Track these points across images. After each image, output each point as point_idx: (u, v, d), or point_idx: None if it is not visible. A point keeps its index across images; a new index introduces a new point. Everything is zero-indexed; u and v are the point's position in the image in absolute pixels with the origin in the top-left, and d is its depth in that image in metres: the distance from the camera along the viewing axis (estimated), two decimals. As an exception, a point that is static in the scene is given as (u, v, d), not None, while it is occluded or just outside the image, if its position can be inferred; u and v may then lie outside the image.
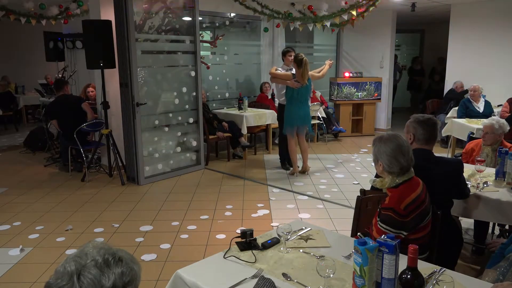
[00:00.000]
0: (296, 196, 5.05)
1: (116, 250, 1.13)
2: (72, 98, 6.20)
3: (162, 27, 5.96)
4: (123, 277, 1.08)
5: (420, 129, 2.63)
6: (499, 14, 7.59)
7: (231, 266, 1.92)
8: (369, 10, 6.49)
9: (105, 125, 5.62)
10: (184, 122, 6.12)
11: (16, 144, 8.13)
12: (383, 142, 2.20)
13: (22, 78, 10.93)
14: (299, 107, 5.65)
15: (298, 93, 5.60)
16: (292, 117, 5.67)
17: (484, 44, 7.83)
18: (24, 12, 6.83)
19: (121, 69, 5.37)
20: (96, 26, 5.27)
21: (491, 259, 2.20)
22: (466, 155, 3.88)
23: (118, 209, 4.66)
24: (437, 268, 1.84)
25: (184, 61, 6.05)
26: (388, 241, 1.58)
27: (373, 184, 2.30)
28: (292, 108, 5.65)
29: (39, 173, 6.09)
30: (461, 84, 7.83)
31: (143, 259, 3.47)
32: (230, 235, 3.77)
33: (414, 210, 2.13)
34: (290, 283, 1.75)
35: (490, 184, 3.09)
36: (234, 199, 4.94)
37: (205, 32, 7.77)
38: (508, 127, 3.63)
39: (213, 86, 7.83)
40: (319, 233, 2.26)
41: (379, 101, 9.05)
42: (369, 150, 7.17)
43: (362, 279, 1.58)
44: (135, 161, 5.48)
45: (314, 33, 9.11)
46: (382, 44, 9.14)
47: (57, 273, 1.06)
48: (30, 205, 4.82)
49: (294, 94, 5.60)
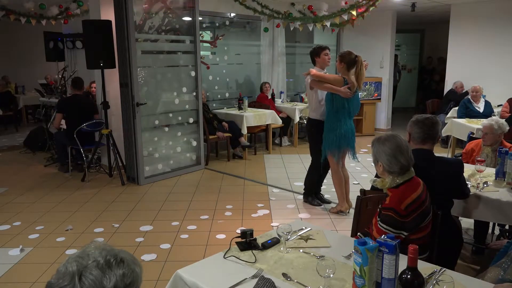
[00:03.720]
0: (296, 196, 5.05)
1: (118, 251, 1.13)
2: (86, 101, 6.19)
3: (162, 27, 5.96)
4: (124, 278, 1.08)
5: (415, 128, 2.63)
6: (499, 14, 7.59)
7: (231, 266, 1.92)
8: (369, 10, 6.50)
9: (105, 125, 5.62)
10: (184, 122, 6.12)
11: (16, 144, 8.12)
12: (381, 143, 2.21)
13: (22, 78, 10.93)
14: (349, 123, 4.34)
15: (349, 103, 4.26)
16: (340, 136, 4.28)
17: (484, 44, 7.83)
18: (24, 12, 6.84)
19: (121, 69, 5.37)
20: (96, 26, 5.27)
21: (496, 257, 2.21)
22: (466, 155, 3.89)
23: (118, 209, 4.66)
24: (437, 268, 1.84)
25: (184, 61, 6.05)
26: (388, 241, 1.58)
27: (374, 184, 2.30)
28: (340, 125, 4.27)
29: (39, 173, 6.09)
30: (460, 84, 7.84)
31: (143, 259, 3.47)
32: (230, 235, 3.77)
33: (415, 210, 2.13)
34: (290, 283, 1.75)
35: (490, 184, 3.10)
36: (234, 199, 4.94)
37: (205, 32, 7.78)
38: (507, 127, 3.63)
39: (213, 86, 7.83)
40: (319, 233, 2.26)
41: (379, 101, 9.06)
42: (369, 150, 7.17)
43: (362, 279, 1.58)
44: (135, 161, 5.49)
45: (314, 33, 9.11)
46: (382, 44, 9.14)
47: (59, 273, 1.06)
48: (30, 205, 4.82)
49: (345, 105, 4.24)
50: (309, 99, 4.62)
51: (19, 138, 8.54)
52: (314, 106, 4.51)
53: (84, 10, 6.97)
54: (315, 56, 4.53)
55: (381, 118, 9.36)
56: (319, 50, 4.50)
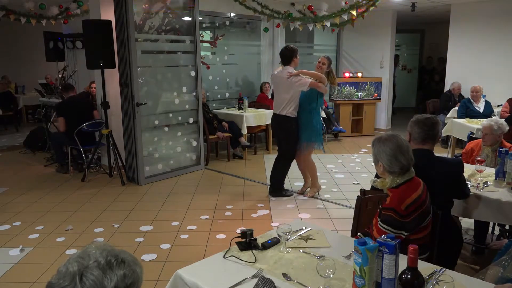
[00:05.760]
0: (296, 196, 5.05)
1: (119, 251, 1.13)
2: (82, 101, 6.22)
3: (162, 27, 5.96)
4: (125, 279, 1.08)
5: (416, 128, 2.63)
6: (499, 14, 7.58)
7: (231, 266, 1.92)
8: (369, 10, 6.49)
9: (105, 125, 5.62)
10: (184, 122, 6.12)
11: (16, 144, 8.12)
12: (382, 143, 2.21)
13: (22, 78, 10.93)
14: (320, 118, 4.95)
15: (321, 100, 4.84)
16: (317, 130, 4.79)
17: (484, 44, 7.83)
18: (24, 12, 6.84)
19: (121, 69, 5.37)
20: (96, 26, 5.27)
21: (496, 256, 2.21)
22: (466, 155, 3.89)
23: (118, 209, 4.66)
24: (437, 268, 1.84)
25: (184, 61, 6.05)
26: (388, 241, 1.58)
27: (374, 185, 2.30)
28: (318, 119, 4.81)
29: (39, 173, 6.09)
30: (458, 86, 7.81)
31: (143, 259, 3.47)
32: (230, 235, 3.77)
33: (415, 211, 2.13)
34: (290, 283, 1.75)
35: (490, 184, 3.10)
36: (234, 199, 4.94)
37: (205, 32, 7.78)
38: (507, 127, 3.63)
39: (213, 86, 7.83)
40: (319, 233, 2.26)
41: (379, 101, 9.06)
42: (369, 150, 7.17)
43: (362, 279, 1.58)
44: (135, 161, 5.49)
45: (314, 33, 9.11)
46: (382, 44, 9.14)
47: (59, 273, 1.06)
48: (30, 205, 4.82)
49: (319, 102, 4.76)
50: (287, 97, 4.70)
51: (19, 138, 8.54)
52: (295, 104, 4.72)
53: (84, 10, 6.97)
54: (294, 57, 4.75)
55: (381, 118, 9.36)
56: (297, 51, 4.79)
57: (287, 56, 4.74)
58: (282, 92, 4.74)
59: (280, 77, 4.76)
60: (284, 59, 4.77)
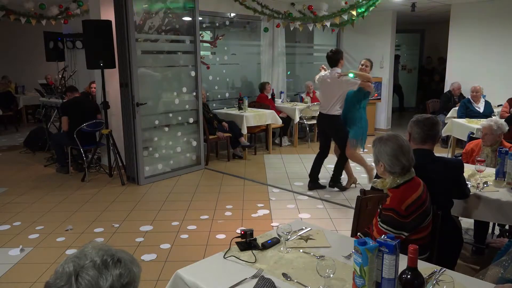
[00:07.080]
0: (296, 196, 5.05)
1: (116, 251, 1.13)
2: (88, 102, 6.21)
3: (162, 27, 5.96)
4: (121, 278, 1.08)
5: (415, 128, 2.63)
6: (499, 14, 7.58)
7: (231, 266, 1.92)
8: (369, 10, 6.49)
9: (105, 125, 5.62)
10: (184, 122, 6.12)
11: (16, 144, 8.13)
12: (383, 143, 2.20)
13: (22, 78, 10.93)
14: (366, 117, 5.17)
15: (367, 99, 5.11)
16: (365, 128, 5.11)
17: (484, 44, 7.83)
18: (24, 12, 6.84)
19: (121, 69, 5.37)
20: (96, 26, 5.27)
21: (496, 256, 2.21)
22: (466, 155, 3.88)
23: (118, 209, 4.66)
24: (437, 268, 1.84)
25: (184, 61, 6.05)
26: (388, 241, 1.58)
27: (374, 185, 2.30)
28: (365, 117, 5.11)
29: (39, 173, 6.09)
30: (458, 86, 7.81)
31: (143, 259, 3.47)
32: (230, 235, 3.77)
33: (415, 211, 2.13)
34: (290, 283, 1.75)
35: (490, 184, 3.09)
36: (234, 199, 4.94)
37: (205, 32, 7.77)
38: (507, 127, 3.63)
39: (213, 86, 7.83)
40: (319, 233, 2.26)
41: (379, 101, 9.05)
42: (369, 150, 7.16)
43: (362, 279, 1.58)
44: (135, 161, 5.48)
45: (314, 33, 9.11)
46: (382, 44, 9.14)
47: (56, 273, 1.07)
48: (30, 205, 4.82)
49: (366, 101, 5.06)
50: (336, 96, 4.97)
51: (19, 138, 8.54)
52: (341, 102, 5.02)
53: (84, 10, 6.97)
54: (340, 59, 5.05)
55: (381, 118, 9.36)
56: (342, 53, 5.13)
57: (334, 59, 5.03)
58: (332, 92, 5.00)
59: (330, 78, 5.04)
60: (331, 61, 5.06)
